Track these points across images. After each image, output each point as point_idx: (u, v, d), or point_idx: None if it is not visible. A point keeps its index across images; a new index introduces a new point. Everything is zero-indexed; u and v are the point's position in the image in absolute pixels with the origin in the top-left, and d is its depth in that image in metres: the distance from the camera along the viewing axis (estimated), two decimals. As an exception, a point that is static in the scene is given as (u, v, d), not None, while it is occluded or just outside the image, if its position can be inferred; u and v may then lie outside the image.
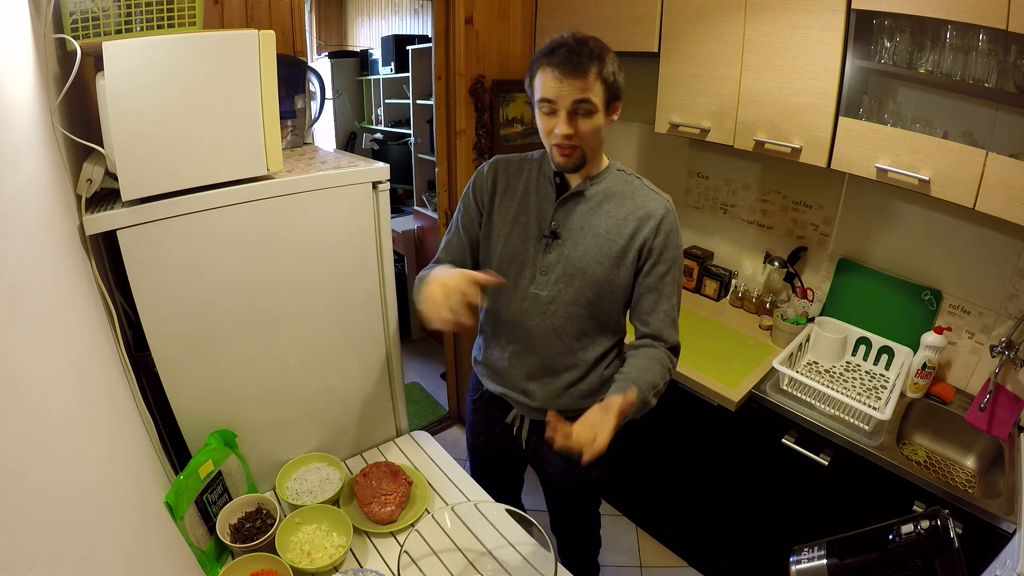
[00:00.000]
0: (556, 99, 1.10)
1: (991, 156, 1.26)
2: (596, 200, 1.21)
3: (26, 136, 0.75)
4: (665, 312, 1.21)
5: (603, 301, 1.23)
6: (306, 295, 1.33)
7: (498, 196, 1.29)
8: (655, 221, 1.18)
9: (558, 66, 1.08)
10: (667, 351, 1.21)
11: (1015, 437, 1.51)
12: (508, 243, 1.26)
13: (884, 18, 1.43)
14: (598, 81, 1.09)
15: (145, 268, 1.08)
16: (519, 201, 1.26)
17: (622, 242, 1.19)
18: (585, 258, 1.20)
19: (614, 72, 1.12)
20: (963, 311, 1.69)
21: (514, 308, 1.27)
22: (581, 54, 1.07)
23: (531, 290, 1.24)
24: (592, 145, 1.16)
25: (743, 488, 1.82)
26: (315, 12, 4.30)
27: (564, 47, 1.08)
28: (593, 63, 1.08)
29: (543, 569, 1.15)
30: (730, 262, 2.24)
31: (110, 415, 0.88)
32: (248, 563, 1.10)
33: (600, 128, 1.14)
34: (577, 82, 1.08)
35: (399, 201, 3.75)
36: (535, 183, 1.26)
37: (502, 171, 1.30)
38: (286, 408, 1.39)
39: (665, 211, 1.19)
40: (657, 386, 1.16)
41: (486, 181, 1.30)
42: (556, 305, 1.23)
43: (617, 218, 1.20)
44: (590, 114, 1.11)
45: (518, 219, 1.26)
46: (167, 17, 1.13)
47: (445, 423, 2.86)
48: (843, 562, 0.76)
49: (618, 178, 1.23)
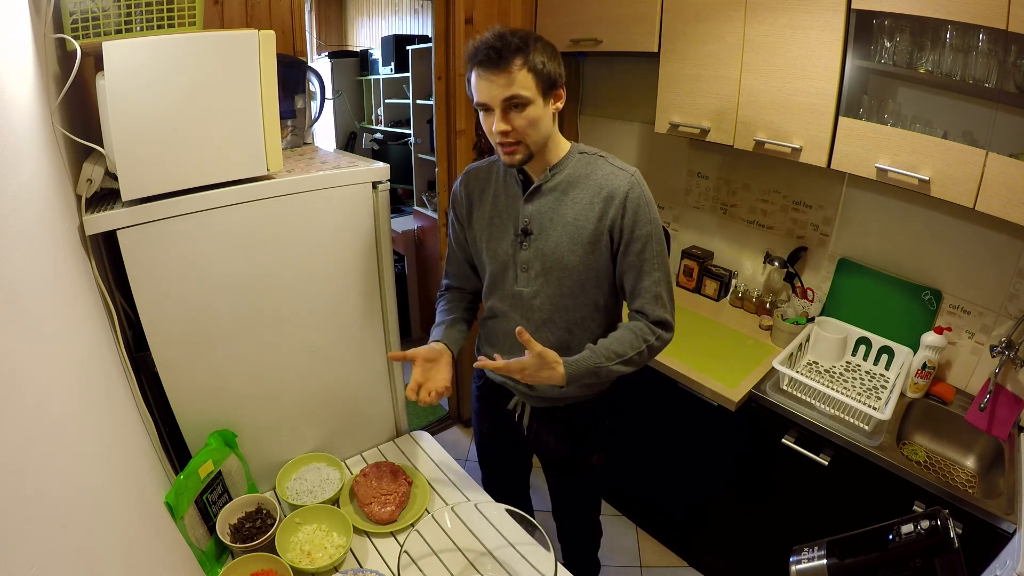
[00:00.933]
0: (488, 100, 1.11)
1: (991, 156, 1.26)
2: (561, 189, 1.21)
3: (26, 136, 0.75)
4: (646, 288, 1.20)
5: (587, 288, 1.23)
6: (306, 295, 1.33)
7: (474, 206, 1.31)
8: (620, 199, 1.16)
9: (482, 66, 1.09)
10: (648, 324, 1.21)
11: (1015, 437, 1.51)
12: (490, 247, 1.29)
13: (884, 18, 1.43)
14: (525, 73, 1.08)
15: (145, 268, 1.08)
16: (491, 205, 1.28)
17: (591, 226, 1.18)
18: (559, 249, 1.20)
19: (544, 60, 1.10)
20: (963, 311, 1.69)
21: (505, 306, 1.30)
22: (502, 50, 1.06)
23: (515, 288, 1.27)
24: (535, 137, 1.14)
25: (743, 488, 1.82)
26: (315, 12, 4.30)
27: (484, 46, 1.08)
28: (516, 56, 1.07)
29: (543, 569, 1.15)
30: (730, 262, 2.24)
31: (110, 415, 0.88)
32: (248, 563, 1.10)
33: (538, 119, 1.12)
34: (502, 78, 1.07)
35: (399, 201, 3.75)
36: (503, 184, 1.27)
37: (472, 181, 1.33)
38: (286, 408, 1.39)
39: (629, 186, 1.16)
40: (623, 354, 1.19)
41: (460, 196, 1.34)
42: (540, 299, 1.25)
43: (583, 203, 1.19)
44: (523, 107, 1.10)
45: (493, 222, 1.28)
46: (167, 17, 1.13)
47: (445, 423, 2.86)
48: (843, 562, 0.76)
49: (580, 161, 1.22)
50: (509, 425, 1.44)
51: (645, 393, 1.90)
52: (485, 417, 1.54)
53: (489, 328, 1.39)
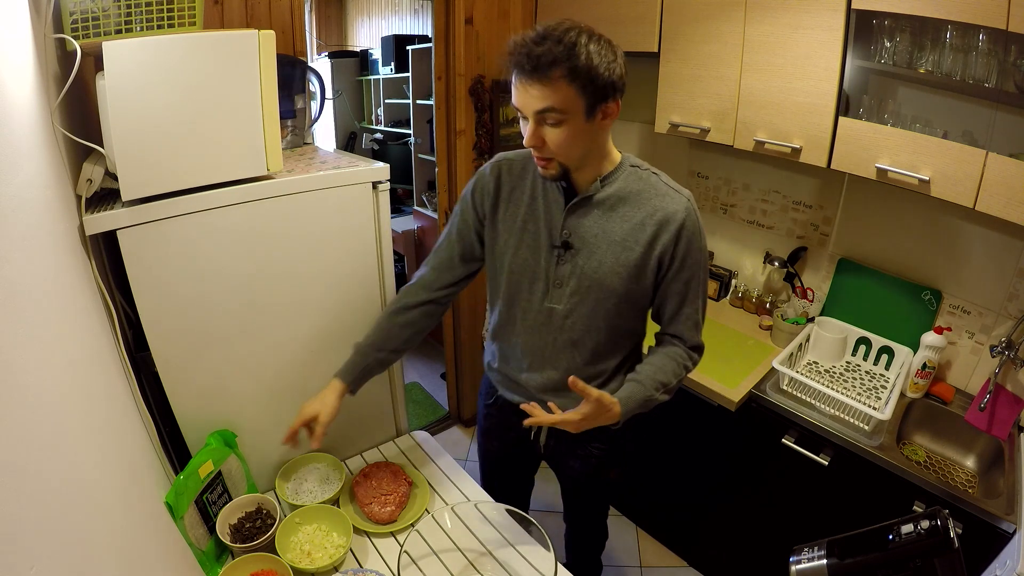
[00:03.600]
0: (521, 108, 0.98)
1: (991, 156, 1.26)
2: (609, 203, 1.09)
3: (26, 136, 0.75)
4: (687, 316, 1.16)
5: (623, 312, 1.15)
6: (306, 295, 1.33)
7: (502, 202, 1.18)
8: (675, 225, 1.06)
9: (518, 69, 0.95)
10: (686, 349, 1.18)
11: (1015, 437, 1.51)
12: (518, 254, 1.16)
13: (884, 18, 1.43)
14: (567, 83, 0.93)
15: (145, 268, 1.08)
16: (526, 207, 1.15)
17: (640, 250, 1.08)
18: (601, 269, 1.10)
19: (595, 68, 0.93)
20: (963, 311, 1.69)
21: (529, 321, 1.19)
22: (541, 57, 0.91)
23: (546, 304, 1.16)
24: (570, 156, 1.02)
25: (743, 488, 1.82)
26: (315, 12, 4.30)
27: (522, 47, 0.93)
28: (557, 65, 0.91)
29: (543, 569, 1.15)
30: (730, 262, 2.24)
31: (110, 415, 0.88)
32: (248, 563, 1.10)
33: (574, 137, 0.99)
34: (537, 89, 0.94)
35: (399, 201, 3.75)
36: (542, 186, 1.14)
37: (505, 173, 1.18)
38: (286, 408, 1.38)
39: (686, 213, 1.07)
40: (668, 384, 1.15)
41: (488, 186, 1.19)
42: (573, 319, 1.15)
43: (633, 223, 1.08)
44: (559, 123, 0.97)
45: (526, 228, 1.15)
46: (167, 17, 1.12)
47: (445, 423, 2.86)
48: (843, 562, 0.76)
49: (632, 176, 1.11)
50: (522, 442, 1.36)
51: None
52: (495, 436, 1.45)
53: (504, 344, 1.27)
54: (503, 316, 1.24)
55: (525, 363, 1.24)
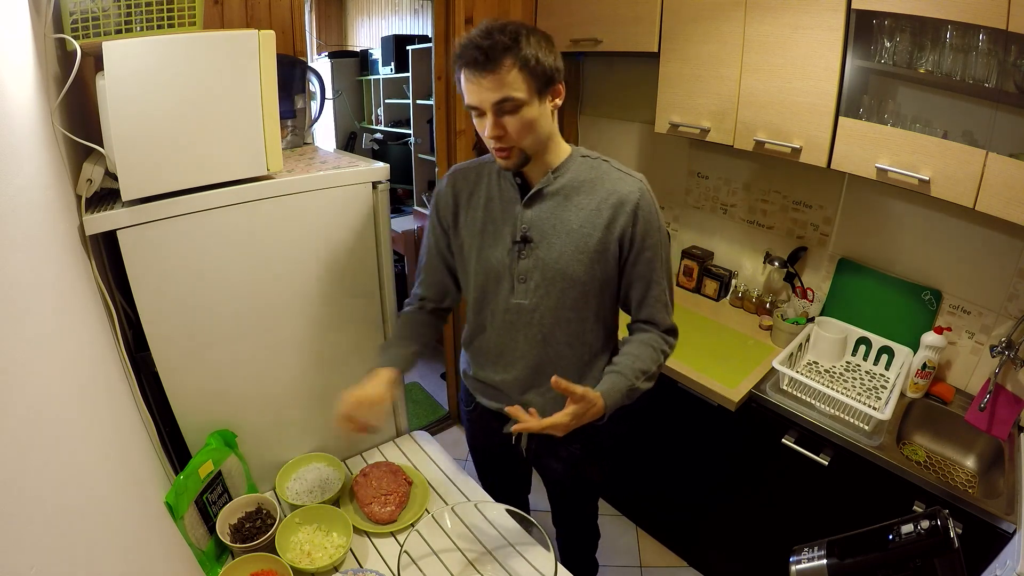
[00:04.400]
0: (478, 103, 1.02)
1: (991, 156, 1.26)
2: (563, 194, 1.12)
3: (26, 136, 0.75)
4: (655, 297, 1.16)
5: (590, 299, 1.16)
6: (306, 295, 1.33)
7: (461, 209, 1.21)
8: (631, 206, 1.09)
9: (469, 67, 0.99)
10: (660, 334, 1.19)
11: (1015, 437, 1.51)
12: (481, 255, 1.19)
13: (884, 18, 1.43)
14: (517, 71, 0.98)
15: (145, 268, 1.08)
16: (483, 209, 1.18)
17: (598, 235, 1.10)
18: (562, 258, 1.12)
19: (538, 55, 1.00)
20: (963, 311, 1.69)
21: (498, 321, 1.21)
22: (490, 50, 0.97)
23: (512, 300, 1.17)
24: (531, 141, 1.06)
25: (743, 488, 1.82)
26: (315, 12, 4.30)
27: (471, 46, 0.98)
28: (506, 55, 0.97)
29: (543, 569, 1.15)
30: (730, 262, 2.24)
31: (110, 415, 0.88)
32: (248, 563, 1.10)
33: (534, 121, 1.03)
34: (491, 80, 0.98)
35: (399, 201, 3.75)
36: (497, 187, 1.18)
37: (460, 182, 1.22)
38: (286, 408, 1.39)
39: (640, 194, 1.10)
40: (648, 371, 1.15)
41: (446, 197, 1.23)
42: (540, 312, 1.17)
43: (589, 209, 1.11)
44: (517, 110, 1.01)
45: (486, 228, 1.18)
46: (167, 17, 1.13)
47: (445, 423, 2.86)
48: (843, 562, 0.76)
49: (584, 165, 1.14)
50: (506, 447, 1.36)
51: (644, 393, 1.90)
52: (480, 438, 1.48)
53: (477, 348, 1.29)
54: (475, 320, 1.27)
55: (500, 364, 1.26)
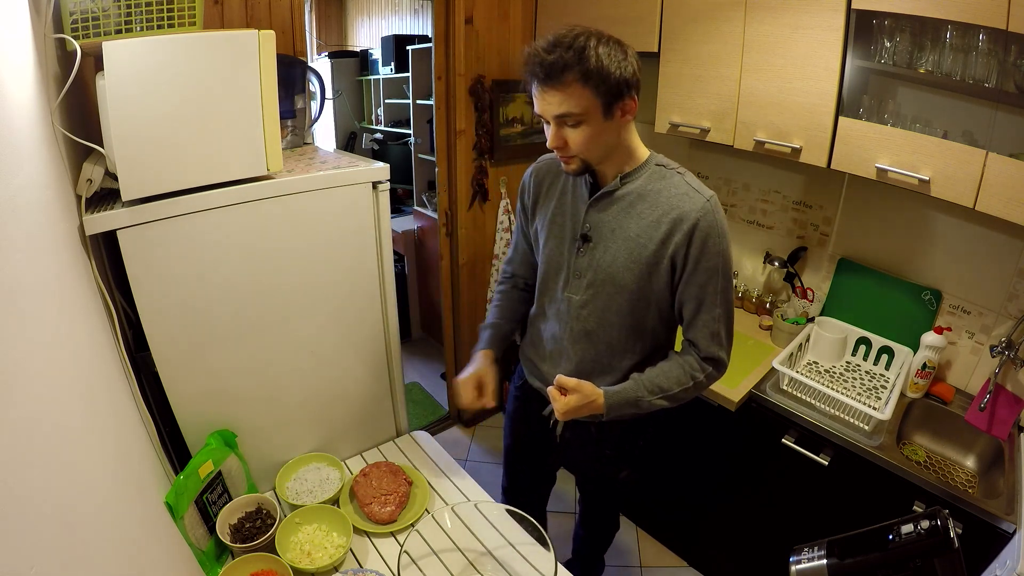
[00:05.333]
0: (542, 114, 1.05)
1: (991, 156, 1.26)
2: (629, 200, 1.12)
3: (26, 136, 0.75)
4: (703, 323, 1.13)
5: (636, 309, 1.16)
6: (306, 295, 1.33)
7: (540, 199, 1.26)
8: (688, 224, 1.06)
9: (534, 78, 1.01)
10: (698, 359, 1.15)
11: (1015, 437, 1.51)
12: (547, 245, 1.23)
13: (884, 18, 1.43)
14: (580, 87, 0.98)
15: (145, 268, 1.08)
16: (557, 202, 1.22)
17: (653, 247, 1.09)
18: (615, 264, 1.13)
19: (604, 69, 0.97)
20: (963, 311, 1.69)
21: (552, 310, 1.26)
22: (552, 66, 0.97)
23: (565, 293, 1.21)
24: (592, 154, 1.07)
25: (743, 488, 1.82)
26: (315, 12, 4.29)
27: (535, 57, 0.99)
28: (569, 71, 0.97)
29: (543, 569, 1.15)
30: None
31: (110, 415, 0.88)
32: (248, 563, 1.10)
33: (596, 135, 1.04)
34: (553, 95, 0.99)
35: (399, 201, 3.75)
36: (572, 183, 1.20)
37: (542, 173, 1.26)
38: (286, 408, 1.39)
39: (702, 213, 1.06)
40: (667, 390, 1.15)
41: (528, 187, 1.29)
42: (588, 310, 1.19)
43: (649, 220, 1.09)
44: (578, 124, 1.02)
45: (555, 221, 1.22)
46: (167, 17, 1.12)
47: (445, 423, 2.86)
48: (843, 562, 0.76)
49: (655, 174, 1.12)
50: (542, 431, 1.39)
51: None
52: (520, 419, 1.48)
53: (534, 329, 1.35)
54: (537, 304, 1.32)
55: (546, 351, 1.31)
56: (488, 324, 1.40)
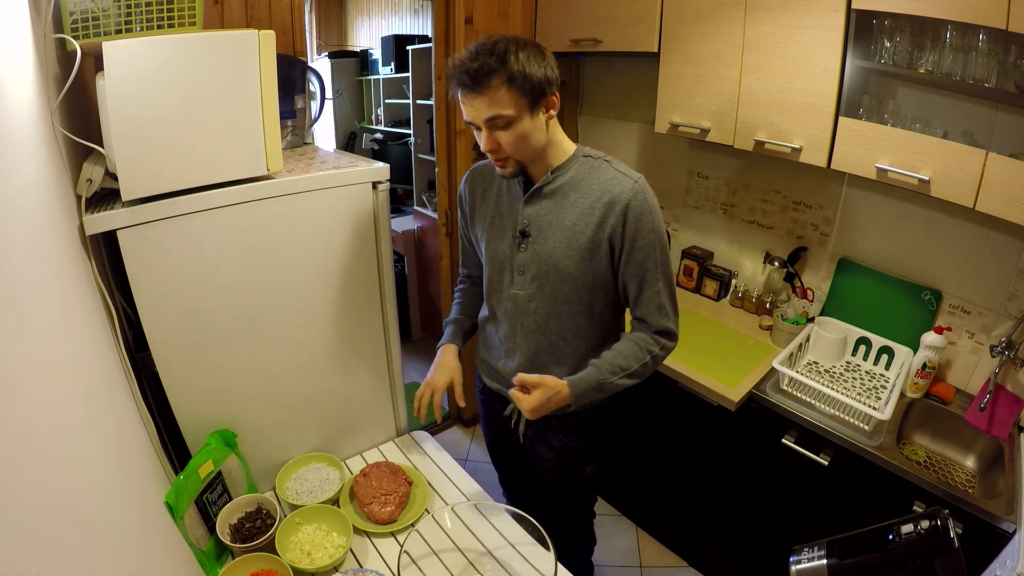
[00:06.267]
0: (472, 120, 1.09)
1: (991, 156, 1.26)
2: (562, 191, 1.17)
3: (26, 136, 0.75)
4: (649, 298, 1.18)
5: (582, 295, 1.21)
6: (306, 295, 1.33)
7: (477, 204, 1.31)
8: (621, 206, 1.11)
9: (461, 87, 1.06)
10: (651, 334, 1.20)
11: (1015, 437, 1.51)
12: (490, 246, 1.28)
13: (884, 18, 1.43)
14: (506, 89, 1.03)
15: (145, 268, 1.08)
16: (494, 204, 1.27)
17: (589, 232, 1.14)
18: (555, 253, 1.18)
19: (527, 71, 1.03)
20: (963, 311, 1.69)
21: (501, 309, 1.30)
22: (478, 71, 1.02)
23: (511, 290, 1.25)
24: (526, 151, 1.12)
25: (743, 488, 1.82)
26: (315, 12, 4.29)
27: (460, 68, 1.04)
28: (493, 75, 1.02)
29: (543, 569, 1.15)
30: (730, 262, 2.24)
31: (110, 415, 0.88)
32: (248, 563, 1.10)
33: (526, 134, 1.09)
34: (481, 100, 1.04)
35: (399, 201, 3.75)
36: (506, 184, 1.25)
37: (477, 179, 1.32)
38: (286, 408, 1.39)
39: (632, 193, 1.12)
40: (628, 368, 1.18)
41: (464, 194, 1.35)
42: (536, 303, 1.23)
43: (583, 207, 1.15)
44: (508, 125, 1.07)
45: (494, 223, 1.27)
46: (167, 17, 1.13)
47: (445, 423, 2.86)
48: (843, 562, 0.76)
49: (584, 165, 1.18)
50: (507, 431, 1.43)
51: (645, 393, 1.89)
52: (487, 422, 1.56)
53: (486, 332, 1.39)
54: (487, 306, 1.36)
55: (501, 350, 1.35)
56: (451, 320, 1.46)
